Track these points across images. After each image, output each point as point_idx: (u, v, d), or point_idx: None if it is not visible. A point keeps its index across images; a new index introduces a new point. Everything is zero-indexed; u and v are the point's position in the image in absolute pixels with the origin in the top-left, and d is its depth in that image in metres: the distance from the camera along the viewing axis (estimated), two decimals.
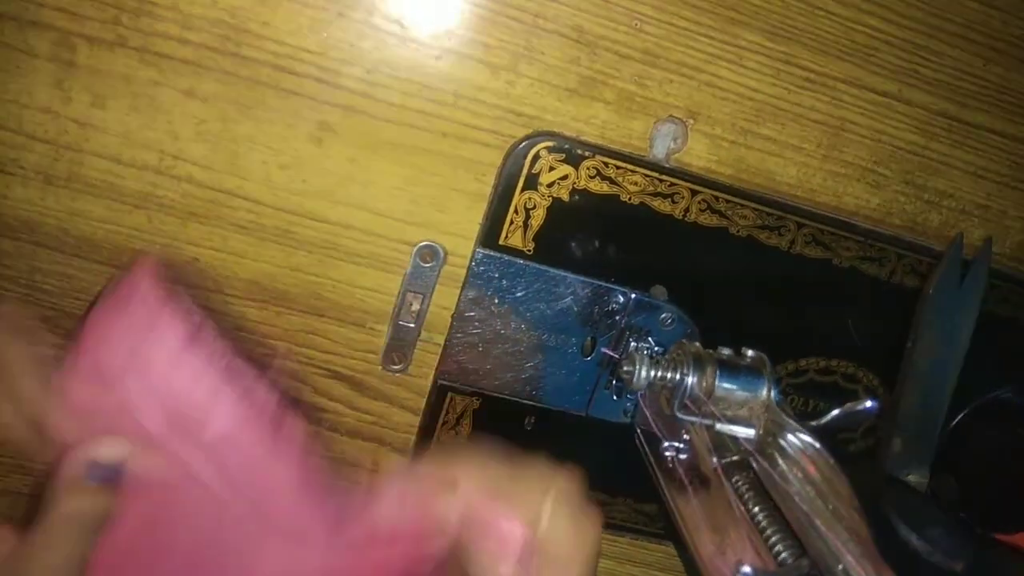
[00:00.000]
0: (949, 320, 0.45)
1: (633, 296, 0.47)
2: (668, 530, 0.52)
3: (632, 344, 0.43)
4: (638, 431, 0.41)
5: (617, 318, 0.47)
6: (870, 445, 0.53)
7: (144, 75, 0.40)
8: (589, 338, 0.47)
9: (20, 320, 0.41)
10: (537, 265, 0.46)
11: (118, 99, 0.40)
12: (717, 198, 0.46)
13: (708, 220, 0.46)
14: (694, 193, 0.46)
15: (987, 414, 0.52)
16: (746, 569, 0.26)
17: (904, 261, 0.49)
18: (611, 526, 0.52)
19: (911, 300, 0.46)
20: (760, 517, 0.29)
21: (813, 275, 0.48)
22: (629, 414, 0.48)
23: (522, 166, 0.44)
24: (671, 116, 0.44)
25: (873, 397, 0.34)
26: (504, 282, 0.46)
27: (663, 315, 0.47)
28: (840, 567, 0.26)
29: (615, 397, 0.48)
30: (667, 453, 0.35)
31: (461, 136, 0.43)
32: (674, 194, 0.45)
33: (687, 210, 0.46)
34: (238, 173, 0.42)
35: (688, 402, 0.35)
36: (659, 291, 0.47)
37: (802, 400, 0.51)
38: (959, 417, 0.52)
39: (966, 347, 0.44)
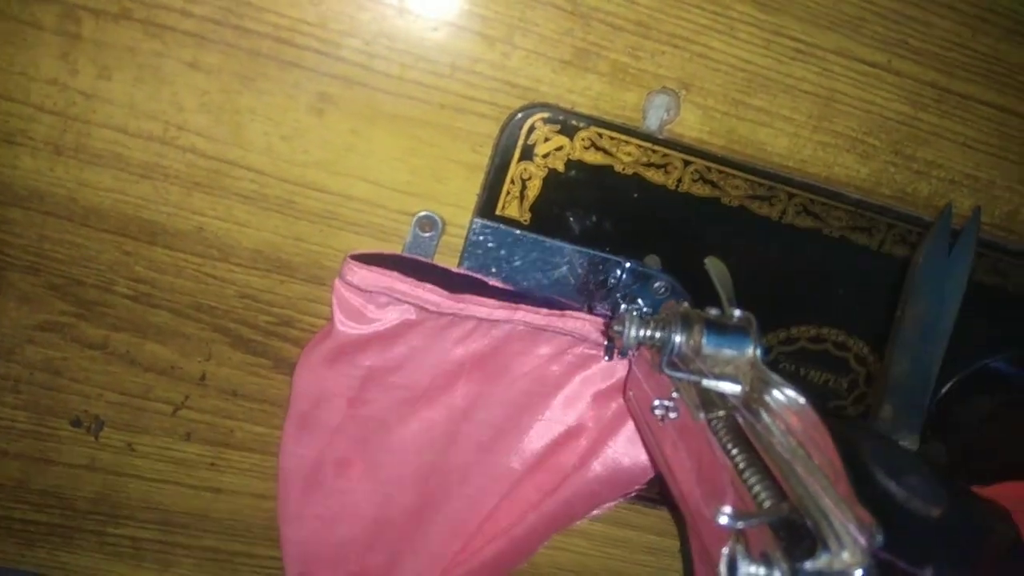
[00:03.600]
0: (938, 289, 0.46)
1: (627, 265, 0.48)
2: (663, 495, 0.53)
3: (623, 307, 0.44)
4: (629, 393, 0.42)
5: (612, 287, 0.48)
6: (861, 412, 0.54)
7: (148, 47, 0.41)
8: (585, 307, 0.48)
9: None
10: (533, 235, 0.47)
11: (123, 71, 0.41)
12: (709, 168, 0.47)
13: (700, 190, 0.47)
14: (687, 163, 0.46)
15: (976, 382, 0.53)
16: (726, 510, 0.27)
17: (894, 231, 0.50)
18: None
19: (901, 269, 0.47)
20: (743, 466, 0.30)
21: (804, 245, 0.49)
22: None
23: (518, 137, 0.45)
24: (664, 87, 0.45)
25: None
26: (502, 252, 0.47)
27: (657, 284, 0.48)
28: (819, 511, 0.27)
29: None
30: (657, 411, 0.36)
31: (458, 107, 0.44)
32: (667, 164, 0.46)
33: (680, 180, 0.47)
34: (241, 144, 0.43)
35: (676, 360, 0.36)
36: (653, 260, 0.48)
37: (794, 367, 0.52)
38: (948, 385, 0.53)
39: (955, 315, 0.45)
